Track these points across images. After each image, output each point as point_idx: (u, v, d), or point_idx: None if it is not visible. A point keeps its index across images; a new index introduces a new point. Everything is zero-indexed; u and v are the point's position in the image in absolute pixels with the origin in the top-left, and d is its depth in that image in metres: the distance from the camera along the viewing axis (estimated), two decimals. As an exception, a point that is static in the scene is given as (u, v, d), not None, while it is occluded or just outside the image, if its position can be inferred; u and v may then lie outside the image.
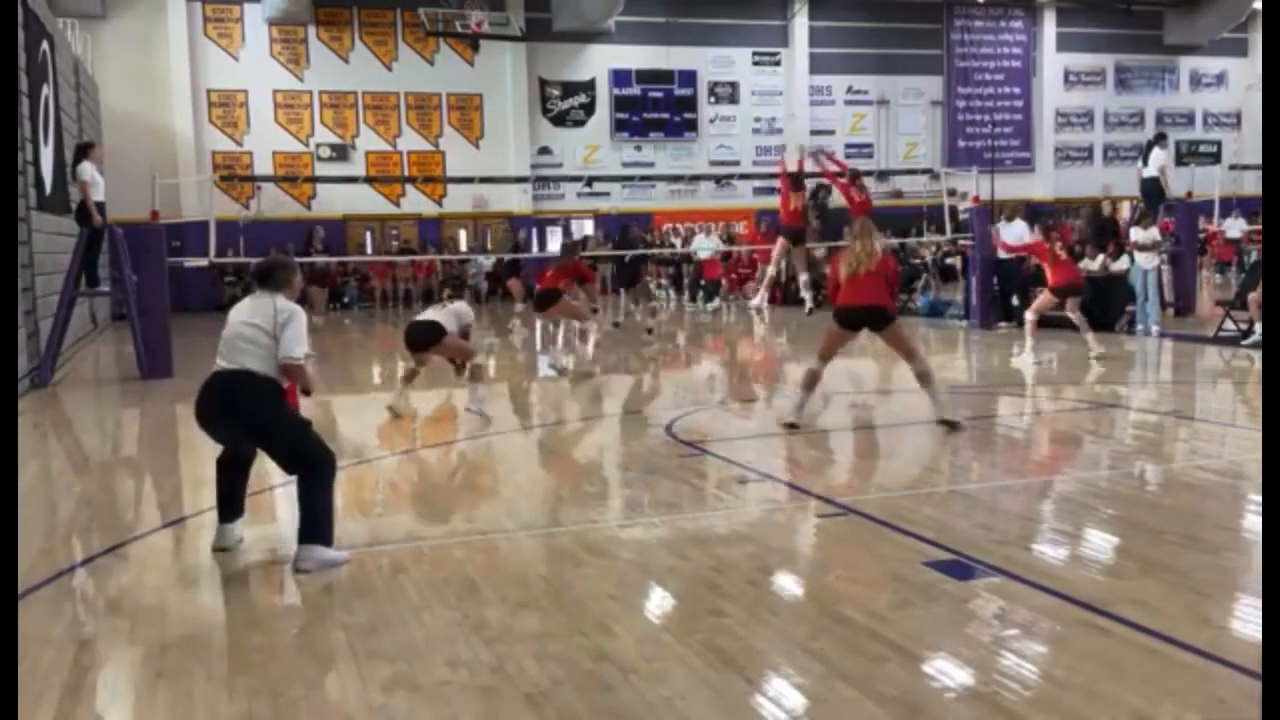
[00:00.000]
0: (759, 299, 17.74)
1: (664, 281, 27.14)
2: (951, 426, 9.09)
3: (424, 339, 10.22)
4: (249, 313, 5.86)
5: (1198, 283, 20.50)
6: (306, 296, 18.86)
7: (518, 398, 12.48)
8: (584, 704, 3.94)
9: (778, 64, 33.02)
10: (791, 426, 9.22)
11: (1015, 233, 18.08)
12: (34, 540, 6.55)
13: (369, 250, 28.93)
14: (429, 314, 10.46)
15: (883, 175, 32.19)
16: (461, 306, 10.65)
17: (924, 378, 9.37)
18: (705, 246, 25.44)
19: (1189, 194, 19.55)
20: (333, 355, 17.65)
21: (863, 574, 5.48)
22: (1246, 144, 36.07)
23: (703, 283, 25.14)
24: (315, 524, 5.72)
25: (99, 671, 4.50)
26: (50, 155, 16.42)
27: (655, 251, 26.50)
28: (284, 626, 4.91)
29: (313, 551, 5.66)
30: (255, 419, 5.77)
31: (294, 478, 5.86)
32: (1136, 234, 16.53)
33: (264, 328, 5.74)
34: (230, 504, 6.12)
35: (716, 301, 24.36)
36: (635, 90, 31.57)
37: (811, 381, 9.51)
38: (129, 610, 5.17)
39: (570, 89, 31.18)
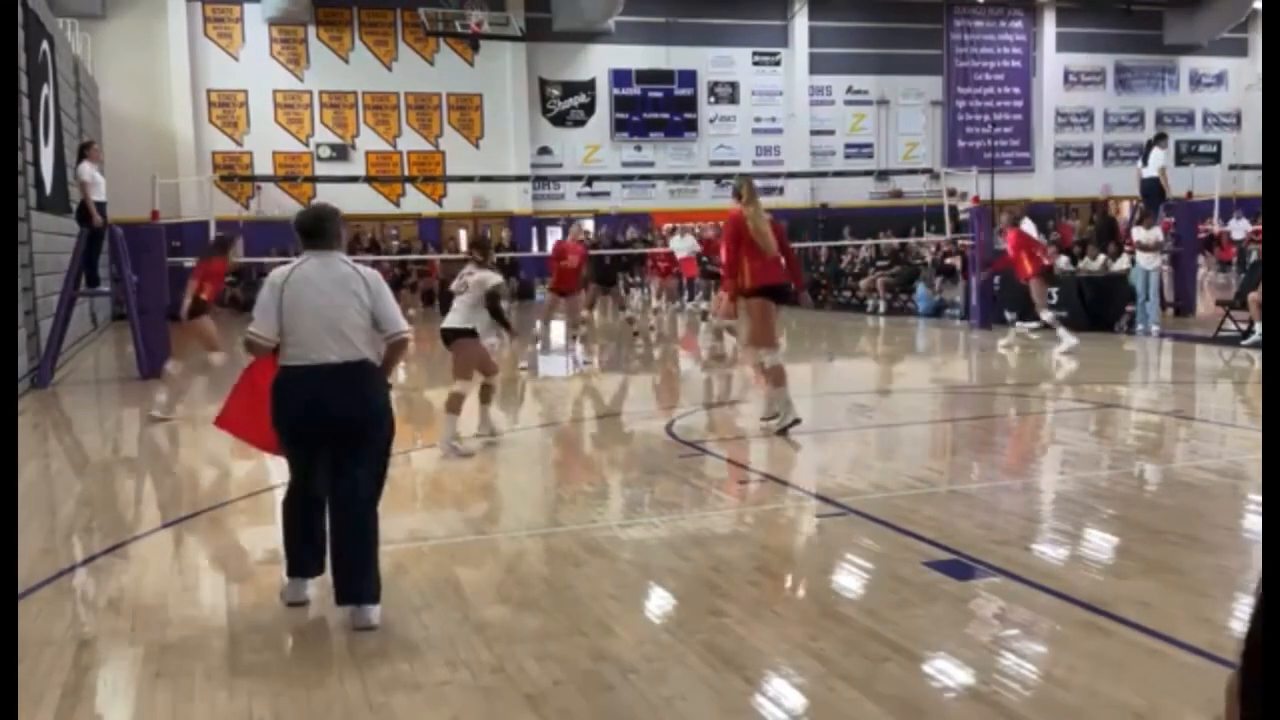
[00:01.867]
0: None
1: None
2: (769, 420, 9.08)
3: (447, 339, 8.90)
4: (338, 286, 4.85)
5: (1197, 282, 20.47)
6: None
7: (516, 398, 12.48)
8: (584, 704, 3.94)
9: (778, 64, 33.03)
10: (790, 426, 8.99)
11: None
12: (34, 540, 6.54)
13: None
14: (452, 314, 8.91)
15: (882, 175, 32.23)
16: (482, 275, 8.88)
17: (778, 378, 9.03)
18: (680, 245, 25.09)
19: (1189, 194, 19.55)
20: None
21: (863, 574, 5.48)
22: (1246, 144, 36.08)
23: (684, 281, 25.10)
24: (377, 577, 4.87)
25: (99, 671, 4.50)
26: (50, 155, 16.43)
27: (648, 251, 26.50)
28: (284, 627, 4.90)
29: (375, 611, 4.81)
30: (376, 424, 4.92)
31: (353, 516, 4.88)
32: (1140, 234, 16.53)
33: (363, 300, 4.84)
34: (310, 555, 5.08)
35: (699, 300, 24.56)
36: (635, 90, 31.59)
37: (781, 376, 9.04)
38: (129, 610, 5.17)
39: (570, 89, 31.20)
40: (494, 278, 8.97)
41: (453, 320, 8.78)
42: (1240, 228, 27.57)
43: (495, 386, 9.22)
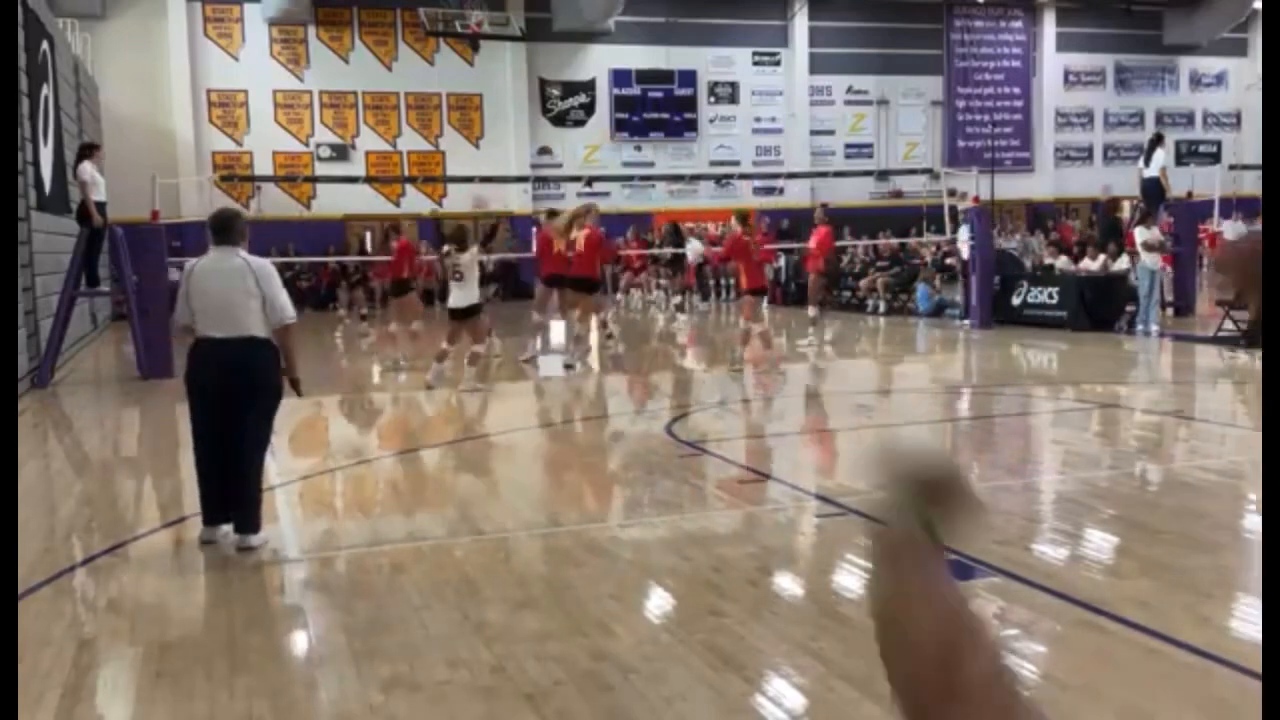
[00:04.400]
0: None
1: (663, 282, 27.08)
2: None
3: (468, 315, 11.92)
4: (229, 278, 5.78)
5: (1196, 282, 20.44)
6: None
7: (517, 398, 12.48)
8: (584, 704, 3.94)
9: (778, 64, 33.01)
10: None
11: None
12: (34, 540, 6.55)
13: (369, 250, 28.95)
14: (466, 295, 11.87)
15: (882, 175, 32.21)
16: (470, 255, 11.98)
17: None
18: (690, 249, 25.45)
19: (1189, 194, 19.54)
20: (333, 355, 17.65)
21: (863, 574, 5.48)
22: (1246, 144, 36.06)
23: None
24: (258, 511, 5.92)
25: (99, 671, 4.50)
26: (50, 155, 16.42)
27: (655, 252, 26.73)
28: (284, 626, 4.91)
29: (252, 538, 5.87)
30: (263, 385, 5.82)
31: (247, 458, 5.91)
32: (1143, 234, 16.55)
33: (250, 290, 5.73)
34: (218, 507, 6.03)
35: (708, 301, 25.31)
36: (635, 90, 31.58)
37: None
38: (129, 610, 5.17)
39: (570, 89, 31.20)
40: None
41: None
42: (1234, 228, 27.52)
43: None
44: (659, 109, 31.81)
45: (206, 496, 6.03)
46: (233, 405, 5.82)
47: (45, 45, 16.54)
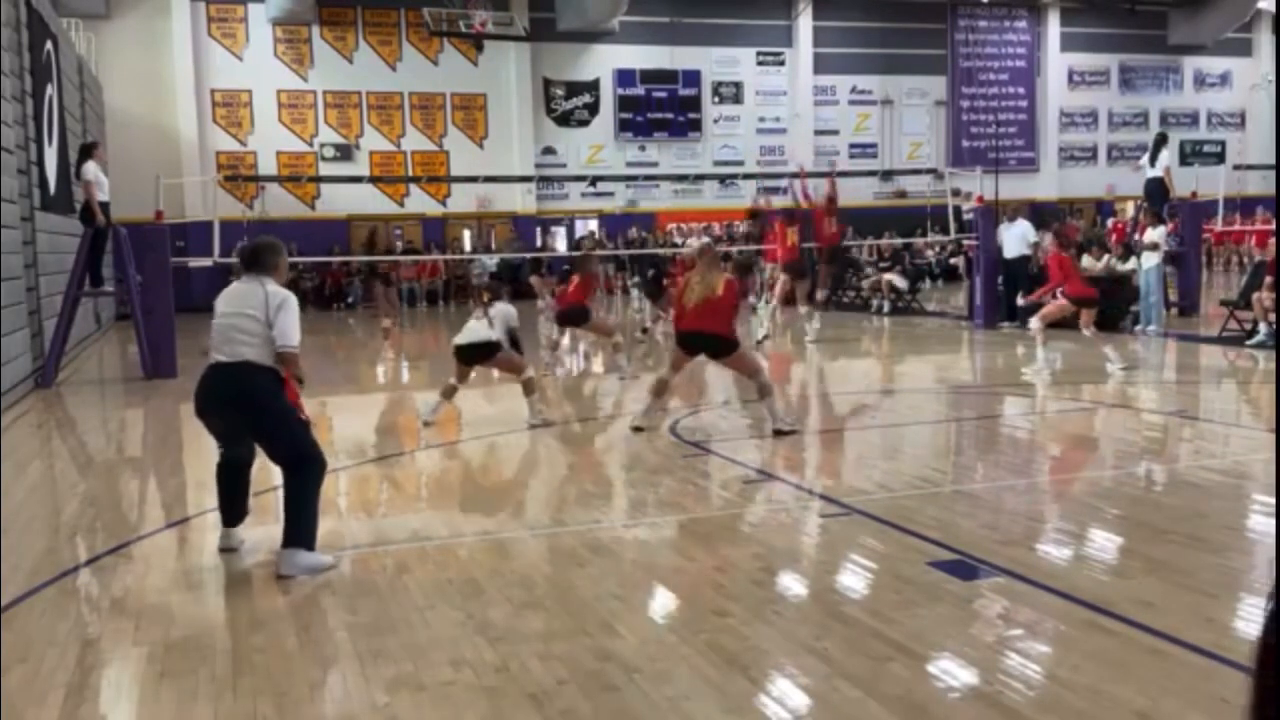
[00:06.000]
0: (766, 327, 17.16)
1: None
2: (780, 434, 9.04)
3: (477, 356, 9.93)
4: (240, 301, 5.74)
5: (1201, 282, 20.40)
6: (380, 296, 21.00)
7: (519, 398, 12.46)
8: (588, 704, 3.94)
9: (782, 64, 33.03)
10: (638, 429, 9.37)
11: (1016, 233, 18.05)
12: (39, 540, 6.56)
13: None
14: (476, 330, 9.88)
15: (887, 175, 32.22)
16: (505, 309, 10.09)
17: (764, 390, 9.27)
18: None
19: (1194, 194, 19.52)
20: (337, 355, 17.68)
21: (867, 574, 5.48)
22: (1251, 144, 36.02)
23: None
24: (302, 528, 5.65)
25: (103, 671, 4.50)
26: (54, 156, 16.44)
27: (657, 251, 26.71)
28: (288, 627, 4.90)
29: (296, 556, 5.59)
30: (258, 411, 5.70)
31: (287, 478, 5.79)
32: (1151, 234, 16.53)
33: (257, 315, 5.65)
34: (233, 509, 6.11)
35: None
36: (639, 90, 31.59)
37: (661, 389, 9.60)
38: (133, 610, 5.18)
39: (574, 89, 31.22)
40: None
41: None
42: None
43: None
44: (663, 109, 31.85)
45: (220, 502, 6.15)
46: (231, 426, 5.88)
47: (49, 45, 16.56)
